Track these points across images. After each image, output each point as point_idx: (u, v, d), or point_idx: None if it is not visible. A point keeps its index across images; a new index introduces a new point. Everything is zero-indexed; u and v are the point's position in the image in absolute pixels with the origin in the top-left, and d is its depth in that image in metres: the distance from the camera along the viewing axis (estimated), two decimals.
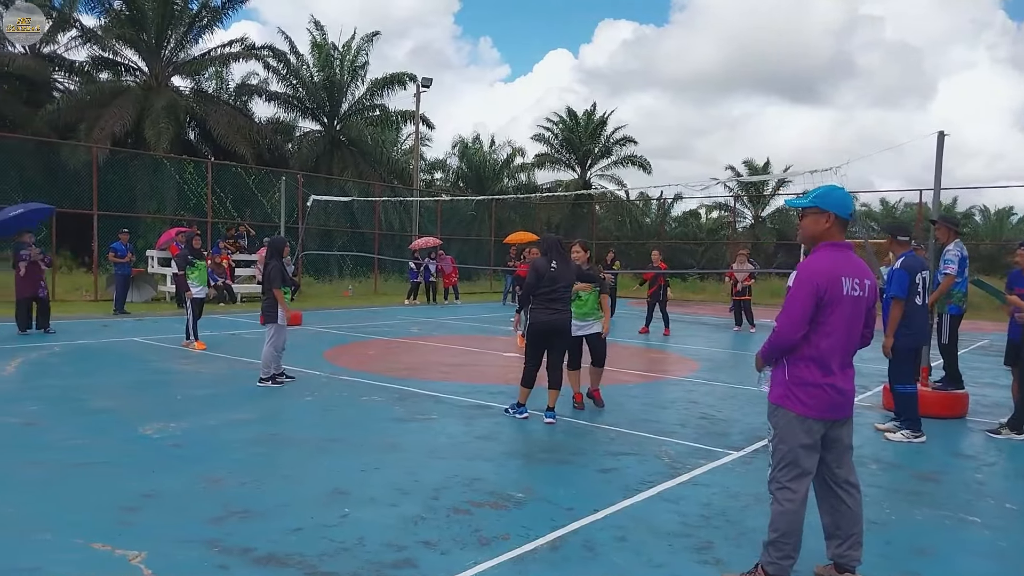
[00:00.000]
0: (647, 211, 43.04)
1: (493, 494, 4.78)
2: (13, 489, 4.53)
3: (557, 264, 6.91)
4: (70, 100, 25.09)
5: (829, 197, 3.52)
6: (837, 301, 3.35)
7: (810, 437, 3.40)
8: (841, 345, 3.40)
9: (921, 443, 6.54)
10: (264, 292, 8.50)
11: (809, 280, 3.36)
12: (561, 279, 6.89)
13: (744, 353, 12.69)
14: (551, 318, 6.84)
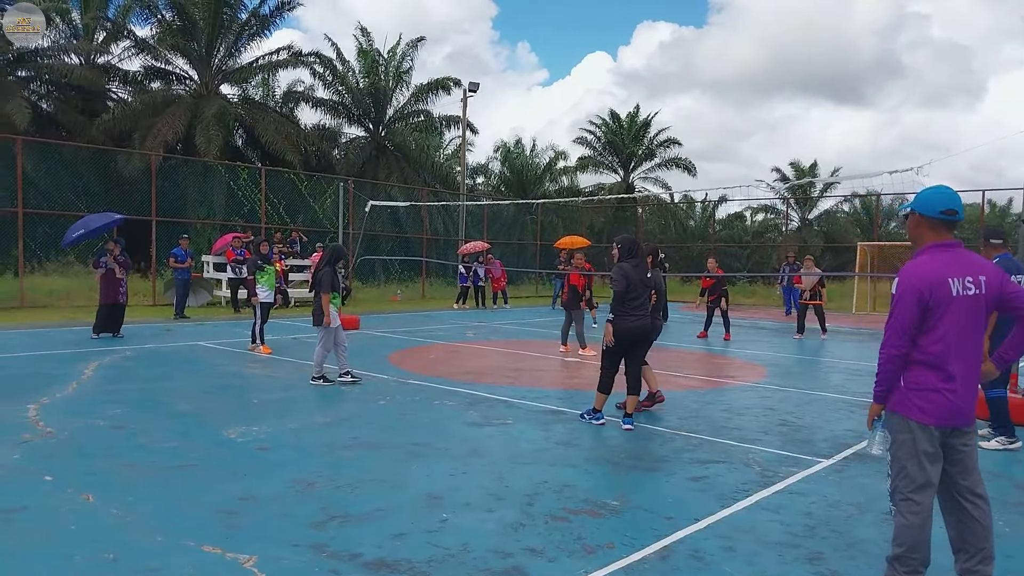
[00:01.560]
0: (691, 214, 42.58)
1: (588, 501, 4.69)
2: (117, 491, 4.55)
3: (640, 267, 6.80)
4: (124, 109, 25.59)
5: (917, 197, 3.40)
6: (946, 303, 3.19)
7: (931, 445, 3.24)
8: (957, 348, 3.22)
9: (1016, 450, 6.31)
10: (314, 297, 8.60)
11: (910, 286, 3.22)
12: (644, 283, 6.77)
13: (812, 359, 12.43)
14: (636, 324, 6.72)
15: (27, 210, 17.29)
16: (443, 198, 30.00)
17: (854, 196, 40.45)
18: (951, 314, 3.19)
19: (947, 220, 3.30)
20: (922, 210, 3.33)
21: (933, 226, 3.32)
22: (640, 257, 6.83)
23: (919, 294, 3.18)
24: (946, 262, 3.25)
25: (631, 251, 6.80)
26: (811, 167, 43.65)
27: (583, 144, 41.58)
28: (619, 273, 6.67)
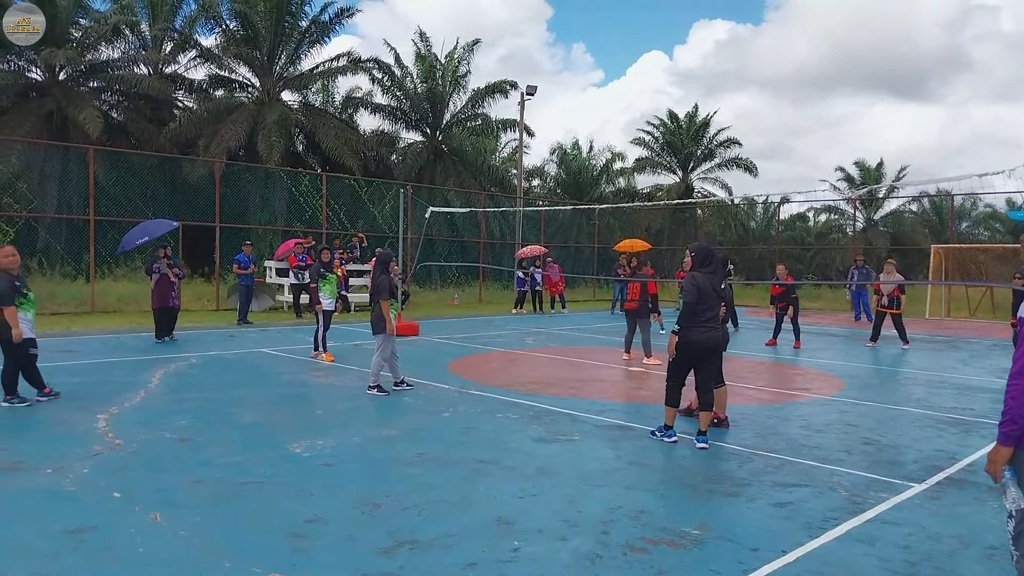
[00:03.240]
0: (752, 215, 41.62)
1: (666, 530, 4.43)
2: (184, 510, 4.48)
3: (716, 275, 6.49)
4: (190, 117, 26.21)
5: None
6: None
7: None
8: None
9: None
10: (372, 304, 8.49)
11: None
12: (718, 294, 6.49)
13: (889, 369, 11.87)
14: (706, 335, 6.42)
15: (98, 217, 17.77)
16: (499, 201, 29.91)
17: (923, 196, 39.06)
18: None
19: None
20: None
21: None
22: (715, 265, 6.54)
23: None
24: None
25: (705, 260, 6.53)
26: (878, 166, 42.29)
27: (640, 145, 41.08)
28: (691, 283, 6.38)
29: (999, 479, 2.94)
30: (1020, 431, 2.90)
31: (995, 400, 8.83)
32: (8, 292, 6.95)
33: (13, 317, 6.97)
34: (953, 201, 31.63)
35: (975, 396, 9.49)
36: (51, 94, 24.14)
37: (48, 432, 6.39)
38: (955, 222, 36.46)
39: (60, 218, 21.21)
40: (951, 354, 11.89)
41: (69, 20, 24.88)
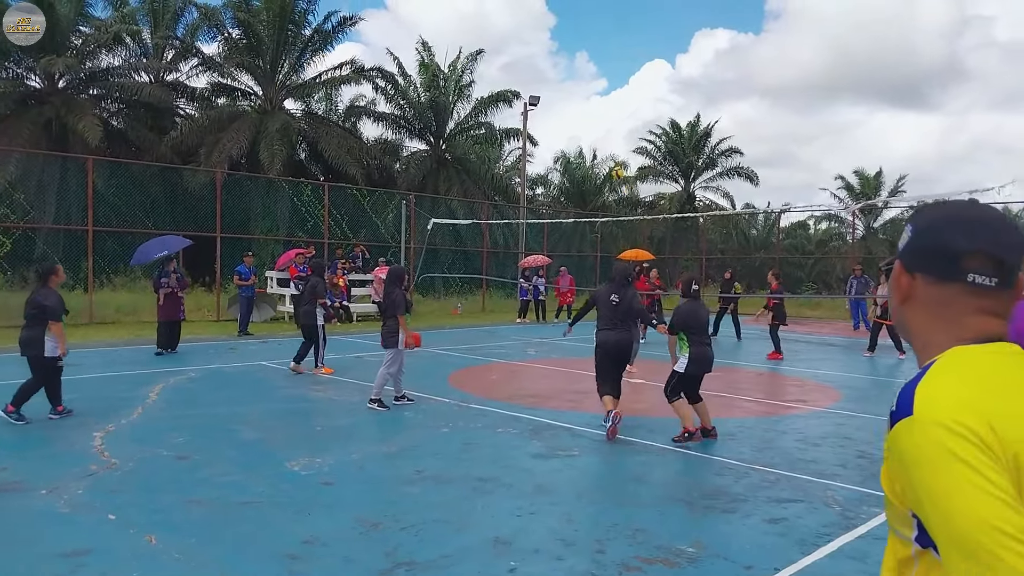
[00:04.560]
0: (753, 223, 41.67)
1: (662, 548, 4.45)
2: (180, 532, 4.49)
3: (611, 285, 7.72)
4: (191, 125, 26.25)
5: None
6: None
7: None
8: None
9: None
10: (385, 318, 8.54)
11: None
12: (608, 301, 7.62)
13: (887, 380, 11.88)
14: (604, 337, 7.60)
15: (97, 227, 17.80)
16: (503, 210, 29.97)
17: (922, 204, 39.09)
18: None
19: None
20: None
21: None
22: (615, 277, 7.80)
23: None
24: None
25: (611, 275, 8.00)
26: (876, 175, 42.30)
27: (643, 154, 41.15)
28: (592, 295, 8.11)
29: None
30: None
31: None
32: (59, 308, 7.21)
33: (61, 333, 7.23)
34: None
35: None
36: (50, 102, 24.20)
37: (44, 450, 6.40)
38: None
39: (58, 228, 21.22)
40: None
41: (69, 27, 24.90)
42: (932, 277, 1.18)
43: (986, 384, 1.07)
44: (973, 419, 1.01)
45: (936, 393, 1.06)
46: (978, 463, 0.98)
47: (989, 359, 1.12)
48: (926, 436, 1.02)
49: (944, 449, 1.00)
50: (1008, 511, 0.96)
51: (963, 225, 1.16)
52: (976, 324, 1.16)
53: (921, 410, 1.04)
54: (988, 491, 0.97)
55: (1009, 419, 1.03)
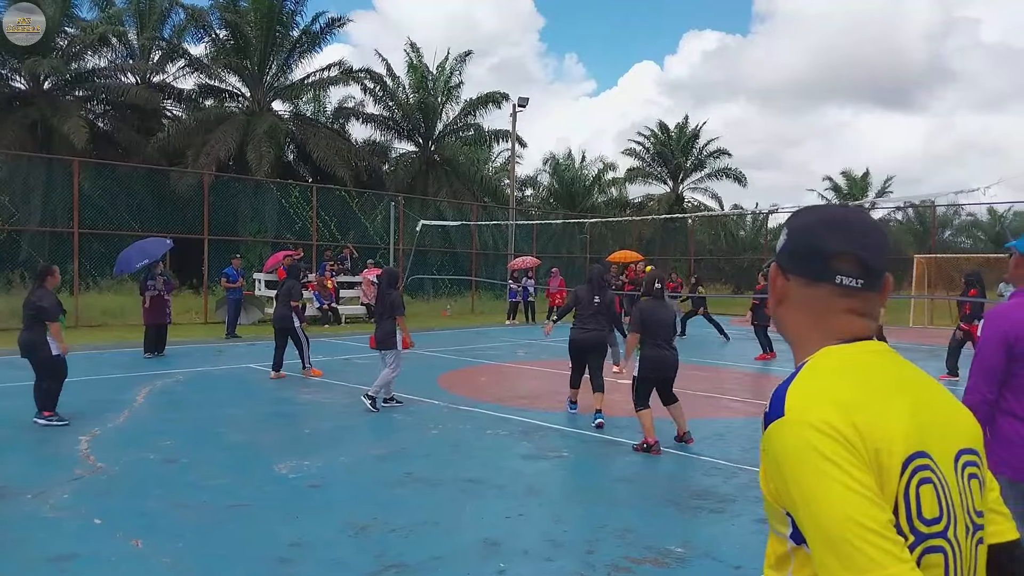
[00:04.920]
0: (741, 224, 41.86)
1: (651, 549, 4.45)
2: (167, 535, 4.46)
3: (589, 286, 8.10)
4: (178, 127, 26.11)
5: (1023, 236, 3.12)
6: None
7: (1022, 503, 2.93)
8: None
9: None
10: (379, 320, 8.51)
11: (997, 328, 2.96)
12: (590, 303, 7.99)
13: None
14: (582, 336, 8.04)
15: (83, 229, 17.68)
16: (492, 211, 29.95)
17: (908, 205, 39.40)
18: None
19: None
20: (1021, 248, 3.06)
21: None
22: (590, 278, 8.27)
23: (1006, 336, 2.92)
24: None
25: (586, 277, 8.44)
26: (864, 176, 42.61)
27: (631, 155, 41.32)
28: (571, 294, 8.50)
29: None
30: None
31: None
32: (55, 308, 7.26)
33: (59, 332, 7.28)
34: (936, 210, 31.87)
35: None
36: (35, 103, 24.01)
37: (30, 455, 6.34)
38: (938, 230, 36.75)
39: (43, 231, 21.05)
40: (933, 363, 11.99)
41: (55, 28, 24.67)
42: (805, 278, 1.22)
43: (852, 384, 1.11)
44: (839, 419, 1.05)
45: (805, 394, 1.09)
46: (843, 461, 1.02)
47: (856, 358, 1.16)
48: (796, 436, 1.05)
49: (812, 448, 1.03)
50: (870, 507, 1.00)
51: (833, 228, 1.20)
52: (844, 324, 1.20)
53: (791, 411, 1.08)
54: (852, 488, 1.00)
55: (872, 418, 1.07)
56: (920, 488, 1.08)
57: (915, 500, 1.07)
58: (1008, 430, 2.96)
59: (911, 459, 1.08)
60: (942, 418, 1.18)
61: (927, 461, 1.10)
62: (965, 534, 1.13)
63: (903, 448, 1.07)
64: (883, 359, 1.19)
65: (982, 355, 2.99)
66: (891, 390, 1.13)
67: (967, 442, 1.21)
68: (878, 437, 1.06)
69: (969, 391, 3.01)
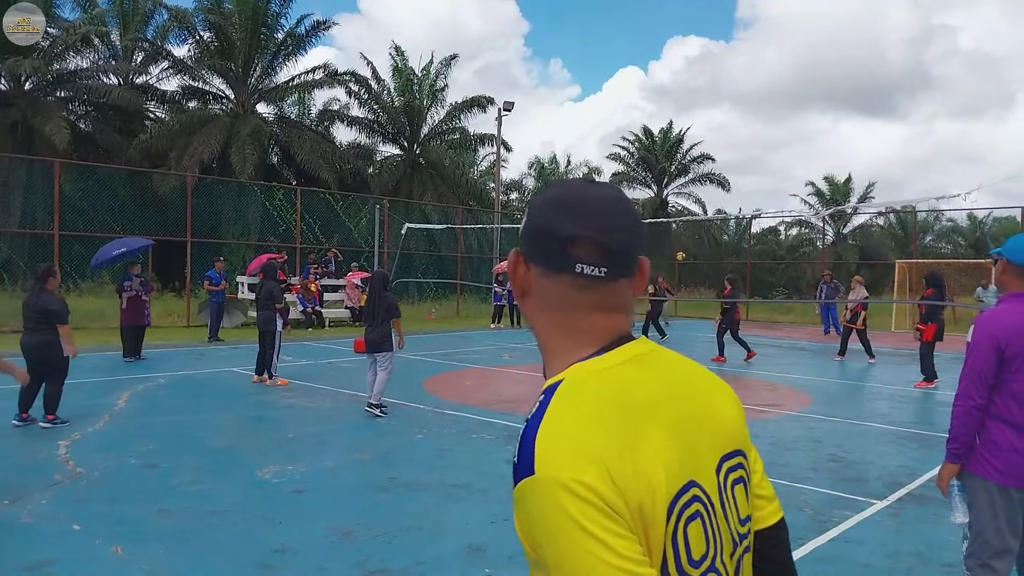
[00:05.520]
0: (725, 229, 42.13)
1: None
2: (148, 542, 4.41)
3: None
4: (161, 129, 25.92)
5: (1008, 243, 3.16)
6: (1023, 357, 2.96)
7: (1011, 510, 2.99)
8: None
9: None
10: (372, 322, 8.47)
11: (987, 333, 3.01)
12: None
13: (856, 384, 12.04)
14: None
15: (64, 231, 17.50)
16: (477, 215, 29.95)
17: (890, 211, 39.78)
18: None
19: None
20: (1011, 256, 3.08)
21: (1020, 275, 3.09)
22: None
23: (996, 341, 2.97)
24: None
25: None
26: (846, 181, 42.96)
27: (616, 160, 41.54)
28: None
29: (947, 494, 3.10)
30: (964, 449, 3.05)
31: None
32: (64, 311, 7.30)
33: (69, 334, 7.26)
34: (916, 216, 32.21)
35: (937, 410, 9.68)
36: (16, 104, 23.72)
37: (8, 460, 6.25)
38: (919, 236, 37.16)
39: (23, 232, 20.81)
40: (915, 368, 12.09)
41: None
42: (542, 267, 1.04)
43: (607, 421, 0.95)
44: (592, 474, 0.90)
45: (555, 444, 0.93)
46: (601, 530, 0.88)
47: (610, 378, 1.00)
48: (548, 499, 0.89)
49: (564, 514, 0.88)
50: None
51: (567, 208, 1.02)
52: (592, 325, 1.03)
53: (541, 467, 0.91)
54: (611, 563, 0.87)
55: (632, 466, 0.92)
56: (688, 528, 0.96)
57: (683, 543, 0.95)
58: (997, 435, 3.00)
59: (677, 498, 0.96)
60: (705, 427, 1.04)
61: (694, 492, 0.98)
62: (730, 555, 1.04)
63: (667, 490, 0.94)
64: (641, 371, 1.02)
65: (973, 360, 3.03)
66: (650, 415, 0.98)
67: (730, 444, 1.08)
68: (641, 488, 0.92)
69: (959, 396, 3.05)
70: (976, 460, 3.05)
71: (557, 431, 0.94)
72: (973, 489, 3.06)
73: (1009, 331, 2.97)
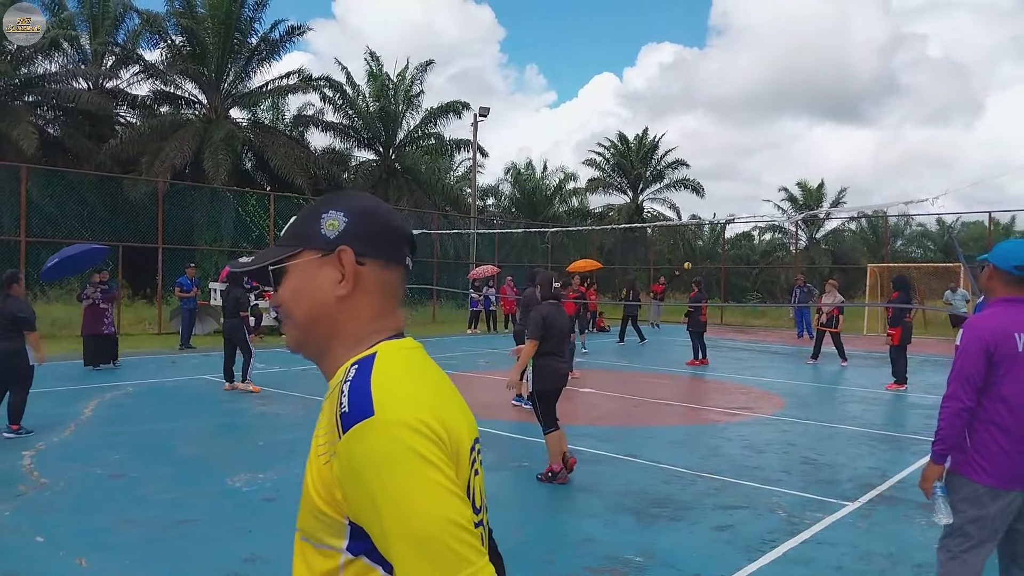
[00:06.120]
0: (699, 234, 42.46)
1: (610, 558, 4.45)
2: (114, 552, 4.32)
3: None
4: (132, 134, 25.56)
5: (995, 249, 3.25)
6: (1011, 359, 3.03)
7: (994, 507, 3.04)
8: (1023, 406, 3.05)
9: None
10: None
11: (975, 336, 3.08)
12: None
13: (829, 387, 12.16)
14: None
15: (31, 238, 17.19)
16: (454, 220, 29.90)
17: (861, 215, 40.34)
18: (1016, 370, 3.04)
19: (1021, 276, 3.14)
20: (997, 263, 3.17)
21: (1006, 280, 3.18)
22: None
23: (985, 345, 3.05)
24: (1013, 316, 3.10)
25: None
26: (819, 186, 43.47)
27: (592, 166, 41.74)
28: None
29: (931, 495, 3.13)
30: (949, 450, 3.10)
31: (926, 416, 9.12)
32: (33, 316, 7.23)
33: (38, 342, 7.20)
34: (887, 220, 32.69)
35: (907, 412, 9.82)
36: None
37: None
38: (890, 240, 37.70)
39: None
40: (886, 370, 12.24)
41: (3, 32, 24.05)
42: (383, 260, 1.18)
43: (423, 380, 1.10)
44: (429, 414, 1.02)
45: (394, 391, 1.04)
46: (437, 459, 0.99)
47: (410, 354, 1.15)
48: (389, 436, 0.99)
49: (407, 448, 0.98)
50: (462, 505, 0.99)
51: (391, 211, 1.22)
52: (396, 313, 1.21)
53: (382, 409, 1.00)
54: (445, 486, 0.98)
55: (449, 414, 1.06)
56: (475, 479, 1.11)
57: (474, 491, 1.09)
58: (986, 438, 3.05)
59: (471, 450, 1.11)
60: (465, 411, 1.18)
61: (476, 453, 1.14)
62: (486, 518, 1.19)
63: (468, 440, 1.09)
64: (423, 356, 1.18)
65: (962, 362, 3.09)
66: (443, 385, 1.15)
67: (476, 433, 1.22)
68: (456, 429, 1.05)
69: (948, 399, 3.10)
70: (965, 462, 3.10)
71: (391, 381, 1.05)
72: (957, 489, 3.11)
73: (996, 334, 3.05)
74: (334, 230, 1.17)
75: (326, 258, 1.16)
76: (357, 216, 1.18)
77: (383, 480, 0.97)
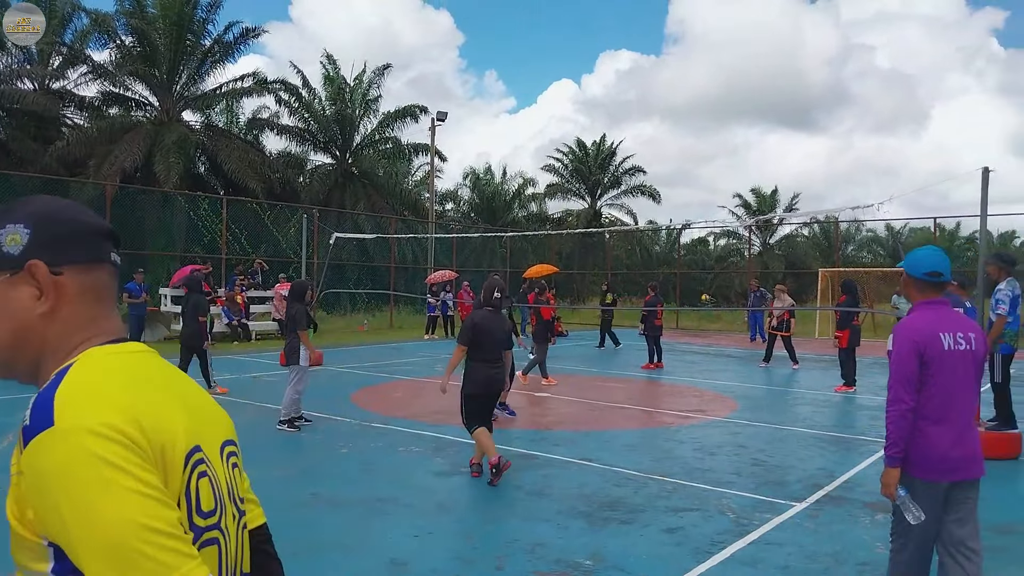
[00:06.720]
0: (656, 239, 42.95)
1: (560, 562, 4.46)
2: None
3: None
4: (79, 136, 24.91)
5: (907, 258, 3.46)
6: (939, 358, 3.22)
7: (932, 500, 3.19)
8: (954, 403, 3.23)
9: None
10: (286, 334, 8.32)
11: (907, 339, 3.26)
12: None
13: (781, 390, 12.36)
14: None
15: None
16: (412, 225, 29.75)
17: (813, 221, 41.24)
18: (945, 368, 3.21)
19: (932, 281, 3.36)
20: (909, 271, 3.40)
21: (920, 287, 3.40)
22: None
23: (916, 346, 3.21)
24: (935, 318, 3.30)
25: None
26: (772, 193, 44.29)
27: (551, 171, 41.98)
28: None
29: (895, 499, 3.23)
30: (903, 452, 3.21)
31: (873, 417, 9.35)
32: None
33: None
34: (839, 226, 33.46)
35: (856, 414, 10.03)
36: None
37: None
38: (841, 245, 38.56)
39: None
40: (835, 373, 12.51)
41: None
42: (83, 263, 1.11)
43: (127, 383, 1.04)
44: (119, 418, 0.96)
45: (78, 398, 0.98)
46: (127, 463, 0.94)
47: (123, 359, 1.09)
48: (70, 444, 0.93)
49: (90, 455, 0.92)
50: (160, 508, 0.95)
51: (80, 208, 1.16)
52: (111, 316, 1.15)
53: (63, 418, 0.95)
54: (139, 491, 0.93)
55: (154, 415, 1.01)
56: (199, 482, 1.05)
57: (195, 494, 1.04)
58: (924, 431, 3.19)
59: (191, 453, 1.05)
60: (207, 414, 1.17)
61: (202, 455, 1.08)
62: (233, 521, 1.15)
63: (184, 444, 1.04)
64: (147, 359, 1.13)
65: (897, 365, 3.23)
66: (163, 389, 1.09)
67: (228, 434, 1.22)
68: (163, 432, 1.01)
69: (892, 401, 3.23)
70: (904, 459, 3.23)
71: (78, 388, 0.99)
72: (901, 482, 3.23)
73: (925, 335, 3.22)
74: (17, 245, 1.07)
75: (16, 277, 1.07)
76: (39, 224, 1.09)
77: (67, 490, 0.91)
